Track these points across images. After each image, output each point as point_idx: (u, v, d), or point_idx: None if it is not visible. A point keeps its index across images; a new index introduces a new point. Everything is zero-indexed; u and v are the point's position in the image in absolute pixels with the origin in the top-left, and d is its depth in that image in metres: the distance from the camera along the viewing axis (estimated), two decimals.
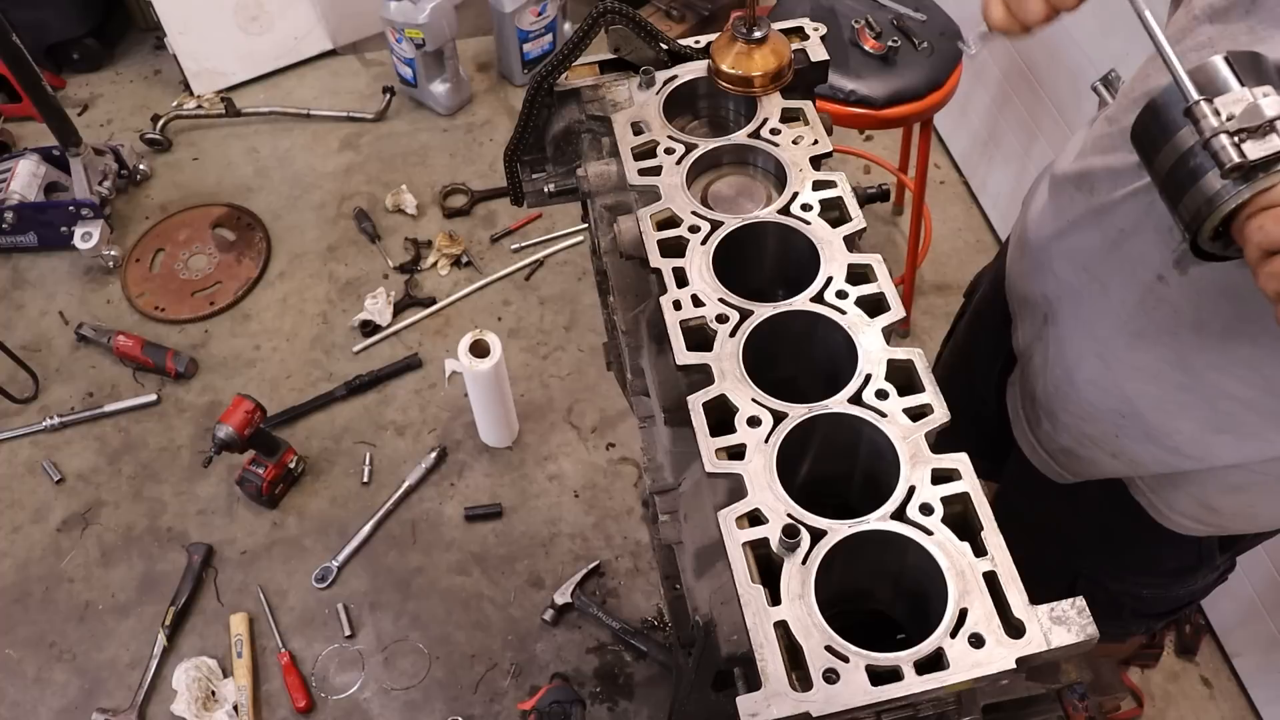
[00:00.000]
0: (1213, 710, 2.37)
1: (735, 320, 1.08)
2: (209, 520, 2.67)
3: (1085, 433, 1.30)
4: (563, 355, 2.97)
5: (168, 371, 2.89)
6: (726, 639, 1.01)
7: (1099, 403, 1.26)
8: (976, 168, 3.32)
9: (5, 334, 2.96)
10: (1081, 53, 2.51)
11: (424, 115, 3.59)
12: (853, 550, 0.94)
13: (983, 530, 0.93)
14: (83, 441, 2.82)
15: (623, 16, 1.34)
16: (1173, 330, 1.13)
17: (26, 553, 2.63)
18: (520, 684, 2.39)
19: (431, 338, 3.02)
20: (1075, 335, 1.28)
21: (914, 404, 1.01)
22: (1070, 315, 1.28)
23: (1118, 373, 1.22)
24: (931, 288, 3.11)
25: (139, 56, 3.81)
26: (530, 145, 1.48)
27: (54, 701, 2.40)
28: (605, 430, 2.81)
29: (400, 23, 3.30)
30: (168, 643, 2.45)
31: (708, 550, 1.14)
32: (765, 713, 0.84)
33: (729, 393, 1.03)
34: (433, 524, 2.65)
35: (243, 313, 3.08)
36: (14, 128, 3.48)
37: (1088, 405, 1.28)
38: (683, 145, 1.25)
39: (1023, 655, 0.85)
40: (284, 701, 2.39)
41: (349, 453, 2.79)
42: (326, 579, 2.55)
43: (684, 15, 3.60)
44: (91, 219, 3.09)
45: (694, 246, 1.15)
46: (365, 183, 3.40)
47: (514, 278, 3.15)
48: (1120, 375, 1.22)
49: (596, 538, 2.62)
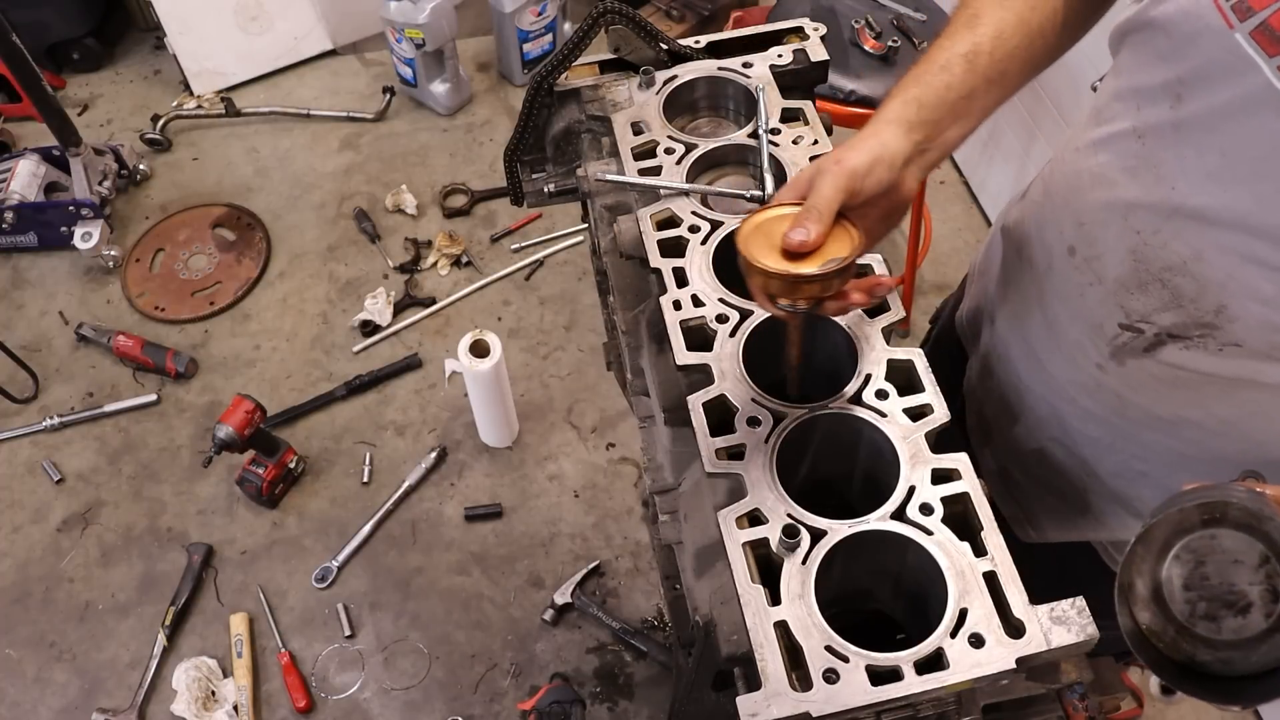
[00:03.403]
0: (1213, 710, 2.37)
1: (735, 320, 1.08)
2: (209, 520, 2.67)
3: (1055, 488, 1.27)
4: (563, 355, 2.97)
5: (168, 371, 2.89)
6: (726, 639, 1.01)
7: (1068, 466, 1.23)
8: (976, 168, 3.32)
9: (5, 334, 2.96)
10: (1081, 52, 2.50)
11: (424, 115, 3.59)
12: (853, 550, 0.93)
13: (983, 530, 0.93)
14: (83, 441, 2.82)
15: (623, 16, 1.34)
16: (1120, 412, 1.11)
17: (26, 553, 2.63)
18: (520, 684, 2.39)
19: (431, 338, 3.02)
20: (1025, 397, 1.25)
21: (914, 404, 1.01)
22: (1014, 381, 1.26)
23: (1076, 439, 1.20)
24: (931, 288, 3.11)
25: (139, 56, 3.81)
26: (530, 145, 1.48)
27: (54, 701, 2.40)
28: (605, 430, 2.81)
29: (400, 23, 3.30)
30: (168, 643, 2.45)
31: (708, 550, 1.14)
32: (765, 713, 0.84)
33: (729, 393, 1.03)
34: (433, 524, 2.65)
35: (243, 313, 3.08)
36: (14, 128, 3.48)
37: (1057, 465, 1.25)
38: (682, 145, 1.25)
39: (1023, 655, 0.85)
40: (284, 701, 2.39)
41: (349, 453, 2.78)
42: (326, 579, 2.55)
43: (684, 15, 3.60)
44: (91, 219, 3.09)
45: (694, 246, 1.15)
46: (365, 183, 3.40)
47: (514, 278, 3.15)
48: (1079, 442, 1.20)
49: (596, 538, 2.62)
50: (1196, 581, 0.72)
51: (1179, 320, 0.98)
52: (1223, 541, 0.72)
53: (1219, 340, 0.96)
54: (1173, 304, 0.98)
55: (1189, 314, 0.97)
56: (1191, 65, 0.89)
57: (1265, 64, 0.82)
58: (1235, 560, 0.71)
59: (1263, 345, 0.93)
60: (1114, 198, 1.01)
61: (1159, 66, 0.93)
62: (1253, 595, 0.71)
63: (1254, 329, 0.93)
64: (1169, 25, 0.91)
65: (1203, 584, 0.72)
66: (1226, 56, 0.85)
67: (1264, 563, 0.70)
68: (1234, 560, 0.71)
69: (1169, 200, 0.94)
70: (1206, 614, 0.72)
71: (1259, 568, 0.71)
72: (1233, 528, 0.71)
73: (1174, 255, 0.95)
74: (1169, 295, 0.98)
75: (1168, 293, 0.98)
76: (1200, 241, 0.93)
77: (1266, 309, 0.91)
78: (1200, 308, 0.95)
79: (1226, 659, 0.73)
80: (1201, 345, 0.97)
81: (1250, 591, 0.71)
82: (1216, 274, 0.92)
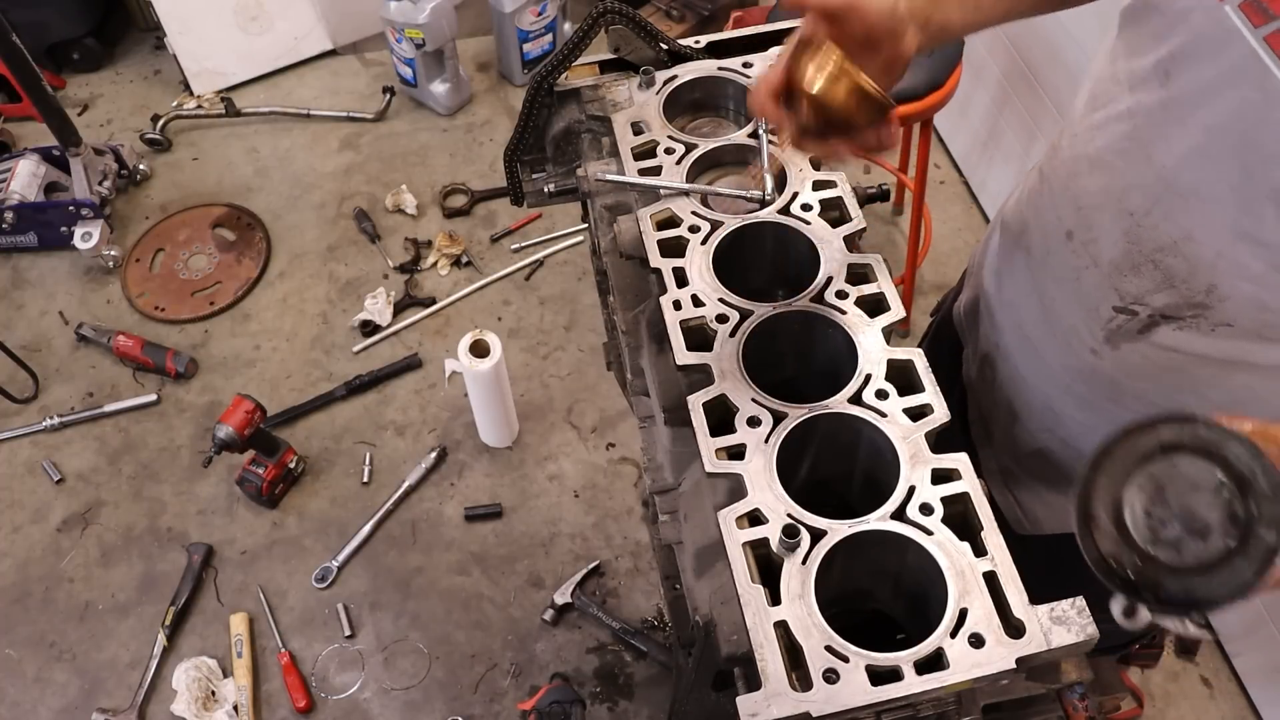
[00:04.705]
0: (1213, 710, 2.37)
1: (735, 320, 1.08)
2: (209, 520, 2.67)
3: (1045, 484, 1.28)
4: (563, 355, 2.97)
5: (168, 371, 2.89)
6: (726, 639, 1.01)
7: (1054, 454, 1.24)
8: (976, 168, 3.32)
9: (5, 334, 2.96)
10: (1081, 52, 2.51)
11: (424, 115, 3.59)
12: (853, 550, 0.94)
13: (983, 530, 0.93)
14: (83, 441, 2.82)
15: (623, 16, 1.34)
16: (1114, 399, 1.12)
17: (26, 553, 2.63)
18: (520, 684, 2.39)
19: (431, 338, 3.02)
20: (1021, 390, 1.25)
21: (914, 404, 1.01)
22: (1011, 373, 1.26)
23: (1071, 428, 1.20)
24: (931, 287, 3.11)
25: (139, 56, 3.81)
26: (530, 145, 1.48)
27: (54, 701, 2.40)
28: (605, 430, 2.81)
29: (400, 23, 3.30)
30: (168, 643, 2.45)
31: (708, 550, 1.14)
32: (765, 713, 0.84)
33: (729, 393, 1.03)
34: (433, 524, 2.65)
35: (243, 313, 3.08)
36: (14, 128, 3.48)
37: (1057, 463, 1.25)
38: (682, 145, 1.25)
39: (1023, 655, 0.85)
40: (284, 701, 2.39)
41: (349, 453, 2.78)
42: (326, 579, 2.55)
43: (684, 15, 3.60)
44: (91, 219, 3.09)
45: (694, 246, 1.15)
46: (365, 183, 3.40)
47: (514, 278, 3.15)
48: (1074, 433, 1.20)
49: (596, 538, 2.62)
50: (1157, 508, 0.73)
51: (1171, 301, 0.99)
52: (1181, 468, 0.72)
53: (1210, 320, 0.97)
54: (1165, 285, 0.98)
55: (1181, 294, 0.97)
56: (1181, 40, 0.90)
57: (1250, 34, 0.83)
58: (1194, 486, 0.72)
59: (1253, 324, 0.94)
60: (1110, 181, 1.02)
61: (1152, 46, 0.95)
62: (1212, 520, 0.71)
63: (1244, 308, 0.94)
64: (1164, 3, 0.93)
65: (1163, 510, 0.72)
66: (1214, 29, 0.86)
67: (1222, 487, 0.71)
68: (1193, 486, 0.72)
69: (1159, 179, 0.95)
70: (1168, 539, 0.72)
71: (1217, 491, 0.71)
72: (1191, 454, 0.72)
73: (1165, 236, 0.96)
74: (1161, 276, 0.98)
75: (1160, 274, 0.98)
76: (1189, 220, 0.93)
77: (1256, 286, 0.91)
78: (1192, 288, 0.96)
79: (1189, 586, 0.73)
80: (1194, 326, 0.98)
81: (1210, 516, 0.71)
82: (1206, 253, 0.93)
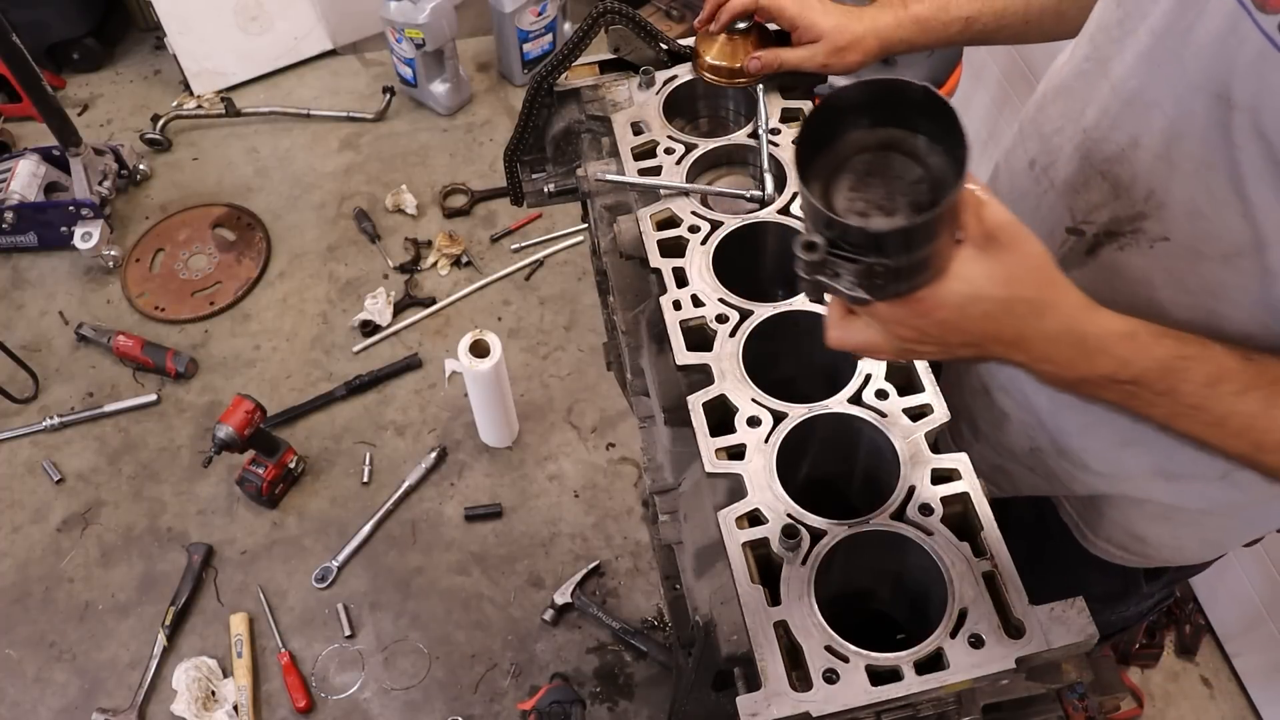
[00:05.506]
0: (1213, 710, 2.37)
1: (735, 320, 1.08)
2: (209, 520, 2.67)
3: (1003, 444, 1.30)
4: (563, 355, 2.97)
5: (168, 371, 2.89)
6: (726, 639, 1.01)
7: (1013, 414, 1.25)
8: (976, 167, 3.31)
9: (5, 334, 2.96)
10: None
11: (424, 115, 3.59)
12: (852, 550, 0.94)
13: (982, 530, 0.93)
14: (83, 441, 2.82)
15: (623, 16, 1.34)
16: None
17: (26, 553, 2.63)
18: (520, 684, 2.39)
19: (431, 338, 3.02)
20: None
21: (914, 404, 1.01)
22: None
23: (1025, 385, 1.21)
24: None
25: (139, 56, 3.81)
26: (530, 145, 1.48)
27: (54, 701, 2.40)
28: (605, 430, 2.81)
29: (400, 23, 3.30)
30: (168, 643, 2.45)
31: (708, 550, 1.14)
32: (765, 713, 0.84)
33: (729, 393, 1.03)
34: (433, 524, 2.65)
35: (243, 313, 3.08)
36: (14, 128, 3.48)
37: (1000, 414, 1.27)
38: (682, 145, 1.26)
39: (1022, 655, 0.85)
40: (284, 701, 2.39)
41: (349, 453, 2.79)
42: (326, 579, 2.55)
43: (684, 15, 3.59)
44: (91, 219, 3.09)
45: (694, 246, 1.15)
46: (365, 183, 3.40)
47: (514, 278, 3.15)
48: (1028, 388, 1.21)
49: (596, 538, 2.62)
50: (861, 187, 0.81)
51: (1114, 215, 1.00)
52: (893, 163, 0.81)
53: (1149, 235, 0.98)
54: (1110, 197, 1.00)
55: (1124, 205, 0.99)
56: None
57: None
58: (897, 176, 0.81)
59: (1188, 236, 0.95)
60: (1069, 105, 1.06)
61: None
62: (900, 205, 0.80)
63: (1179, 217, 0.94)
64: None
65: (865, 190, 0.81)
66: None
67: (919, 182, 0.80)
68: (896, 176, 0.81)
69: (1112, 90, 0.98)
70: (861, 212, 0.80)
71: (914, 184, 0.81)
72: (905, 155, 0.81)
73: (1113, 145, 0.99)
74: (1109, 187, 1.00)
75: (1108, 185, 1.00)
76: (1136, 126, 0.96)
77: (1188, 189, 0.92)
78: (1133, 196, 0.98)
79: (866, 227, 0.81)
80: (1134, 243, 0.99)
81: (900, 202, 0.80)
82: (1148, 156, 0.95)
